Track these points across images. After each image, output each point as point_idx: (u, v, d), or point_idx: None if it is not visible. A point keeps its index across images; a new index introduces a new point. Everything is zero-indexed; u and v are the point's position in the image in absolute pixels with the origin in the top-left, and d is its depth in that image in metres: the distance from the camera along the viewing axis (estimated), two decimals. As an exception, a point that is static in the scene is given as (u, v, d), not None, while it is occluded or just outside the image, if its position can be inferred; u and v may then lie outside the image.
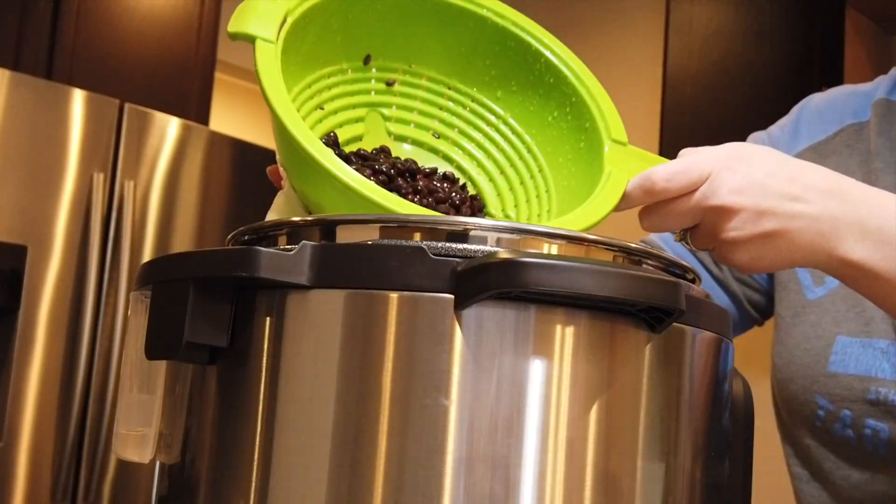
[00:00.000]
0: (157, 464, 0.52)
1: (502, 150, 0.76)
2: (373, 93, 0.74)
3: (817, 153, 0.95)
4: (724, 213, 0.63)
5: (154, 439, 0.51)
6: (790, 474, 0.96)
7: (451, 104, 0.76)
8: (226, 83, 3.98)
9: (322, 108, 0.71)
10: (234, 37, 0.61)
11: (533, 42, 0.72)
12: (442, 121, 0.76)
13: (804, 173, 0.66)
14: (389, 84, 0.74)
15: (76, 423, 2.22)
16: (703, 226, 0.65)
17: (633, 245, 0.51)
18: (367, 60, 0.73)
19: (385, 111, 0.75)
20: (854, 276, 0.67)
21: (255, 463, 0.46)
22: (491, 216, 0.75)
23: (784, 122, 1.01)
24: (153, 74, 2.81)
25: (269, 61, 0.60)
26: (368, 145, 0.74)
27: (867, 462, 0.87)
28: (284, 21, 0.62)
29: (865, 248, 0.65)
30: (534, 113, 0.74)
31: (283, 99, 0.58)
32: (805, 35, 2.75)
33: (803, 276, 0.92)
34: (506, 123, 0.76)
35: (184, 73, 2.88)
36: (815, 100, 1.00)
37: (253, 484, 0.46)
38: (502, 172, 0.76)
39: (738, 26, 2.85)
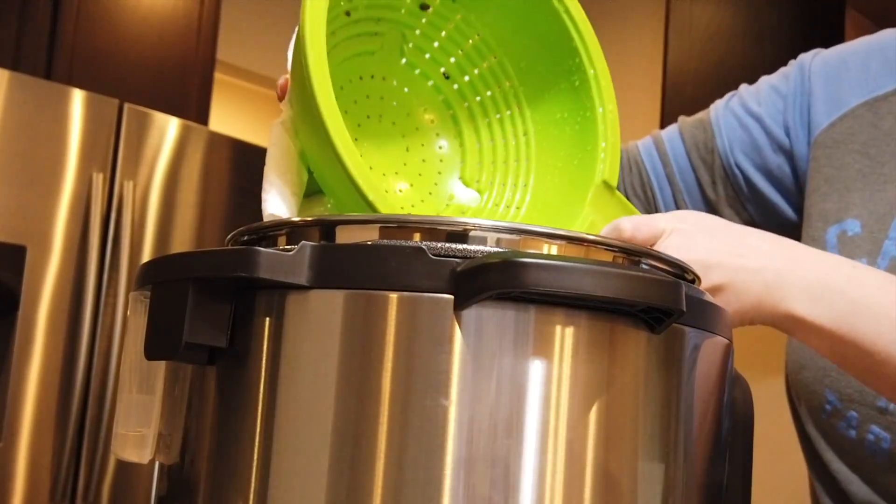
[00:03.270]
0: (157, 464, 0.52)
1: (501, 120, 0.75)
2: (403, 10, 0.73)
3: (872, 110, 0.92)
4: None
5: (153, 440, 0.51)
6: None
7: (472, 51, 0.74)
8: (225, 83, 3.98)
9: (349, 15, 0.70)
10: None
11: (576, 38, 0.71)
12: (458, 63, 0.75)
13: (746, 238, 0.69)
14: (424, 8, 0.73)
15: (75, 423, 2.22)
16: None
17: (633, 245, 0.51)
18: None
19: (406, 33, 0.74)
20: (802, 332, 0.69)
21: (255, 463, 0.46)
22: (464, 182, 0.75)
23: (852, 56, 0.95)
24: (153, 74, 2.81)
25: (317, 12, 0.59)
26: (378, 64, 0.72)
27: (862, 465, 0.87)
28: None
29: (807, 303, 0.68)
30: (546, 101, 0.74)
31: (321, 61, 0.58)
32: (805, 35, 2.75)
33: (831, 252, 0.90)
34: (516, 96, 0.75)
35: (183, 73, 2.88)
36: (891, 36, 0.95)
37: (252, 484, 0.46)
38: (492, 140, 0.75)
39: (738, 26, 2.85)
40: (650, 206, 1.01)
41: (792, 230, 0.99)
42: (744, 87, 1.02)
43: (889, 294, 0.68)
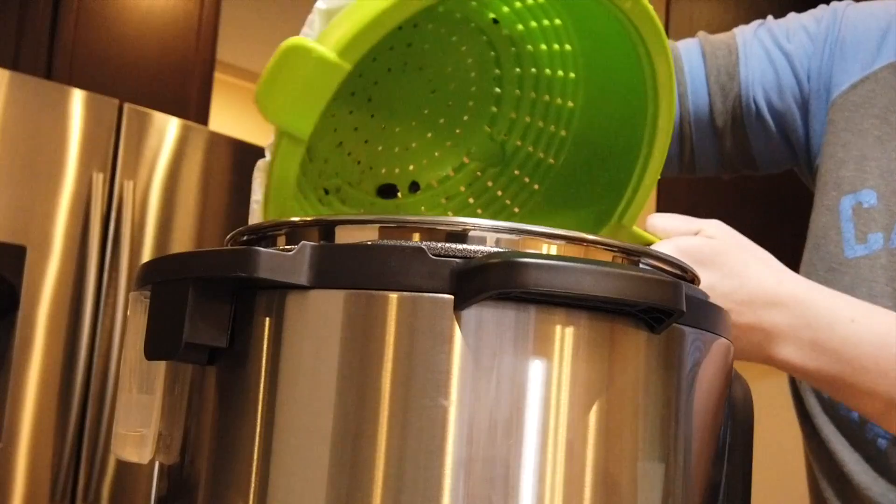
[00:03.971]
0: (157, 464, 0.52)
1: (551, 78, 0.70)
2: None
3: (895, 73, 0.88)
4: None
5: (153, 440, 0.51)
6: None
7: (534, 7, 0.66)
8: (225, 83, 3.98)
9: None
10: (264, 116, 0.54)
11: (652, 87, 0.66)
12: (514, 12, 0.67)
13: (746, 284, 0.67)
14: None
15: (75, 423, 2.22)
16: None
17: (633, 245, 0.51)
18: None
19: None
20: (796, 373, 0.70)
21: (255, 463, 0.46)
22: (492, 136, 0.71)
23: (883, 15, 0.90)
24: (153, 74, 2.81)
25: (289, 165, 0.57)
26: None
27: (862, 446, 0.86)
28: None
29: (802, 354, 0.68)
30: (604, 92, 0.68)
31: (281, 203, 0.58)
32: (805, 35, 2.75)
33: (846, 226, 0.87)
34: (574, 59, 0.68)
35: (183, 73, 2.88)
36: None
37: (252, 484, 0.46)
38: (535, 94, 0.70)
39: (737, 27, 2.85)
40: None
41: (786, 171, 0.97)
42: (771, 18, 0.97)
43: (888, 353, 0.68)
